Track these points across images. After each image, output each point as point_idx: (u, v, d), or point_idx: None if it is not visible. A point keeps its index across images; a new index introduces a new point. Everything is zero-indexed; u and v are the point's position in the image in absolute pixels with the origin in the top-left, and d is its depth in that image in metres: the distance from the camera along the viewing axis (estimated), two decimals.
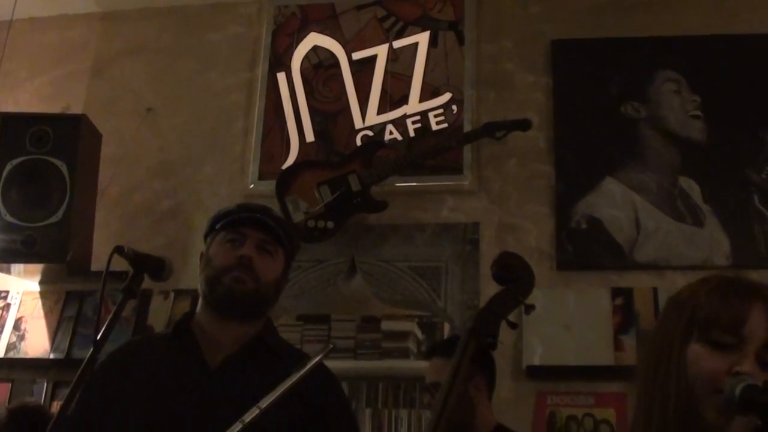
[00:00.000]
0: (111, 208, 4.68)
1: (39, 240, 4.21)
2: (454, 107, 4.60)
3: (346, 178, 4.32)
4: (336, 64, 4.79)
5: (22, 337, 4.48)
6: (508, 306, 2.44)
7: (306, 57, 4.83)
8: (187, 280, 4.20)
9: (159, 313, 4.40)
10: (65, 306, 4.56)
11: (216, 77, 4.93)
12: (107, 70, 5.07)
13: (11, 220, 4.24)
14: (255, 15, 5.00)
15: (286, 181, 4.39)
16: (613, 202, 4.32)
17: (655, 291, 4.10)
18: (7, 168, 4.30)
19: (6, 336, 4.50)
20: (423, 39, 4.74)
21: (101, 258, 2.16)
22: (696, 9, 4.59)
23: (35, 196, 4.29)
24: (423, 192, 4.50)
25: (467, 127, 4.51)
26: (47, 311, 4.56)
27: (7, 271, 4.53)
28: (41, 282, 4.63)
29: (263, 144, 4.69)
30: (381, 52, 4.75)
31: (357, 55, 4.78)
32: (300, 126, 4.68)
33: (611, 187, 4.35)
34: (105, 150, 4.68)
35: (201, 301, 2.45)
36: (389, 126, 4.61)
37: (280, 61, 4.85)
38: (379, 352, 5.44)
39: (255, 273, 2.36)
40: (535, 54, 4.68)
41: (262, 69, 4.85)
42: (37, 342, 4.46)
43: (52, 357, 4.42)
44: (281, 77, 4.80)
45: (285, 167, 4.55)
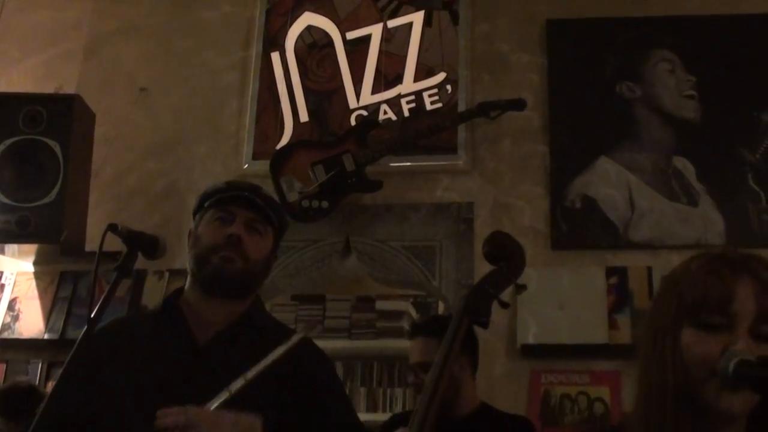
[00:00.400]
0: (105, 188, 4.67)
1: (33, 220, 4.20)
2: (448, 87, 4.59)
3: (340, 158, 4.32)
4: (330, 43, 4.78)
5: (16, 318, 4.48)
6: (500, 285, 2.44)
7: (300, 37, 4.82)
8: (182, 259, 4.16)
9: (153, 293, 4.39)
10: (59, 286, 4.56)
11: (210, 57, 4.91)
12: (100, 50, 5.04)
13: (5, 200, 4.23)
14: None
15: (280, 161, 4.38)
16: (608, 181, 4.33)
17: (650, 270, 4.11)
18: (0, 148, 4.28)
19: (0, 317, 4.49)
20: (417, 18, 4.72)
21: (95, 238, 2.16)
22: None
23: (29, 176, 4.27)
24: (417, 172, 4.50)
25: (462, 107, 4.51)
26: (41, 292, 4.55)
27: (1, 252, 4.53)
28: (35, 262, 4.62)
29: (257, 124, 4.68)
30: (375, 31, 4.74)
31: (351, 35, 4.77)
32: (294, 106, 4.67)
33: (606, 167, 4.35)
34: (98, 130, 4.66)
35: (189, 279, 2.44)
36: (384, 106, 4.60)
37: (274, 41, 4.83)
38: (374, 331, 5.44)
39: (244, 251, 2.35)
40: (530, 34, 4.67)
41: (256, 49, 4.84)
42: (32, 322, 4.46)
43: (46, 337, 4.41)
44: (275, 57, 4.79)
45: (279, 147, 4.54)
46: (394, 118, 4.57)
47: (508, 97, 4.39)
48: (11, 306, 4.52)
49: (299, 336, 2.28)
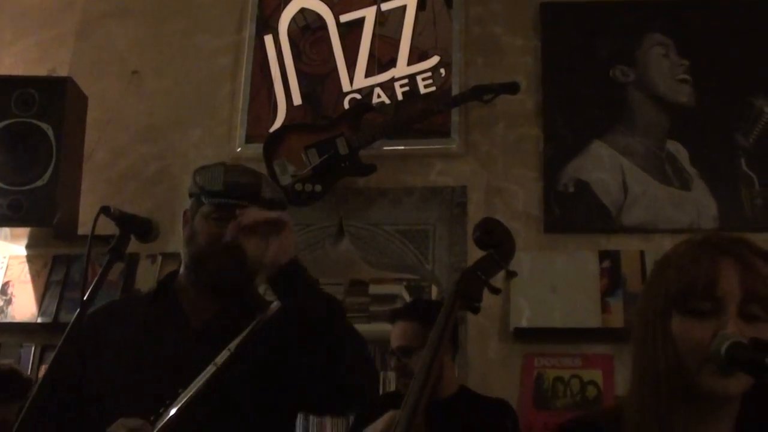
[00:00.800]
0: (97, 171, 4.66)
1: (25, 204, 4.20)
2: (442, 70, 4.58)
3: (333, 141, 4.31)
4: (323, 26, 4.76)
5: (9, 302, 4.47)
6: (491, 271, 2.45)
7: (293, 19, 4.80)
8: (175, 243, 4.19)
9: (146, 277, 4.40)
10: (52, 270, 4.55)
11: (203, 40, 4.89)
12: (93, 32, 5.02)
13: None
14: None
15: (273, 145, 4.37)
16: (601, 165, 4.33)
17: (642, 254, 4.12)
18: None
19: None
20: (411, 1, 4.71)
21: (88, 222, 2.15)
22: None
23: (21, 159, 4.26)
24: (411, 155, 4.49)
25: (455, 91, 4.50)
26: (34, 275, 4.54)
27: None
28: (28, 246, 4.62)
29: (250, 107, 4.67)
30: (369, 14, 4.72)
31: (345, 18, 4.75)
32: (287, 89, 4.66)
33: (599, 151, 4.36)
34: (91, 113, 4.64)
35: (184, 267, 2.44)
36: (377, 89, 4.59)
37: (267, 24, 4.82)
38: (367, 315, 5.43)
39: (240, 256, 2.29)
40: (524, 17, 4.66)
41: (249, 32, 4.82)
42: (25, 306, 4.46)
43: (39, 321, 4.41)
44: (268, 40, 4.77)
45: (272, 130, 4.53)
46: (387, 101, 4.56)
47: (501, 81, 4.38)
48: (4, 290, 4.51)
49: (279, 303, 2.28)
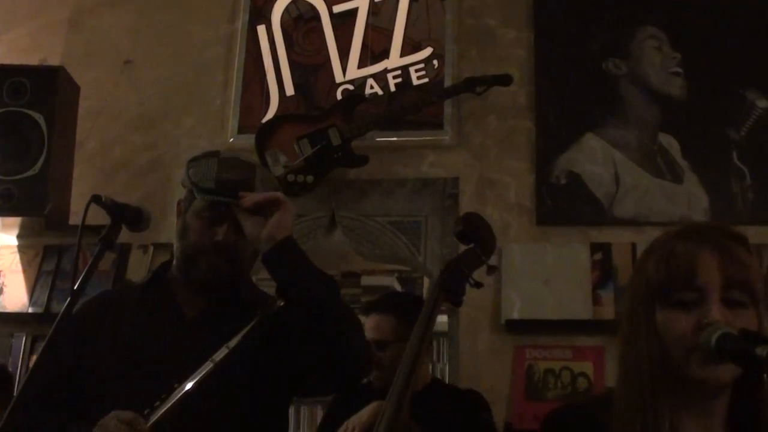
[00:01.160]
0: (89, 161, 4.65)
1: (17, 193, 4.18)
2: (435, 62, 4.58)
3: (326, 132, 4.31)
4: (316, 17, 4.74)
5: (0, 291, 4.46)
6: (473, 265, 2.46)
7: (286, 10, 4.79)
8: (167, 233, 4.18)
9: (138, 267, 4.39)
10: (44, 260, 4.54)
11: (195, 30, 4.88)
12: (85, 21, 5.00)
13: None
14: None
15: (265, 135, 4.36)
16: (593, 157, 4.33)
17: (634, 246, 4.12)
18: None
19: None
20: None
21: (79, 212, 2.14)
22: None
23: (12, 148, 4.25)
24: (403, 147, 4.49)
25: (448, 82, 4.50)
26: (25, 265, 4.53)
27: None
28: (19, 236, 4.60)
29: (243, 97, 4.66)
30: (362, 5, 4.71)
31: (338, 8, 4.74)
32: (280, 79, 4.66)
33: (591, 143, 4.36)
34: (83, 103, 4.63)
35: (176, 261, 2.43)
36: (370, 80, 4.58)
37: (260, 14, 4.80)
38: (359, 306, 5.42)
39: (231, 256, 2.32)
40: (517, 9, 4.65)
41: (241, 22, 4.80)
42: (16, 296, 4.45)
43: (30, 311, 4.40)
44: (261, 30, 4.76)
45: (265, 121, 4.52)
46: (380, 92, 4.56)
47: (494, 73, 4.38)
48: None
49: (280, 301, 2.28)
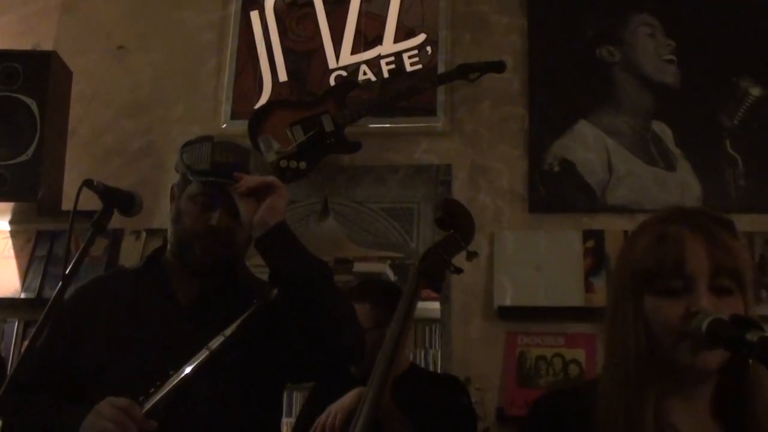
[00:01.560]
0: (82, 147, 4.64)
1: (9, 178, 4.17)
2: (428, 48, 4.57)
3: (319, 118, 4.30)
4: (310, 2, 4.73)
5: None
6: (453, 251, 2.47)
7: None
8: (159, 219, 4.21)
9: (130, 253, 4.39)
10: (36, 245, 4.53)
11: (188, 15, 4.86)
12: (78, 6, 4.98)
13: None
14: None
15: (258, 121, 4.35)
16: (586, 145, 4.33)
17: (626, 234, 4.09)
18: None
19: None
20: None
21: (72, 197, 2.14)
22: None
23: (5, 134, 4.23)
24: (396, 133, 4.48)
25: (441, 69, 4.49)
26: (18, 251, 4.53)
27: None
28: (11, 221, 4.59)
29: (236, 83, 4.66)
30: None
31: None
32: (273, 65, 4.64)
33: (584, 130, 4.36)
34: (75, 88, 4.62)
35: (171, 247, 2.43)
36: (363, 66, 4.58)
37: (253, 0, 4.79)
38: None
39: (226, 239, 2.33)
40: None
41: (234, 7, 4.79)
42: (8, 281, 4.44)
43: (23, 297, 4.40)
44: (254, 15, 4.75)
45: (257, 107, 4.51)
46: (373, 79, 4.55)
47: (487, 59, 4.38)
48: None
49: (275, 291, 2.28)
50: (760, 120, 4.29)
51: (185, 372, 2.10)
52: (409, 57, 4.56)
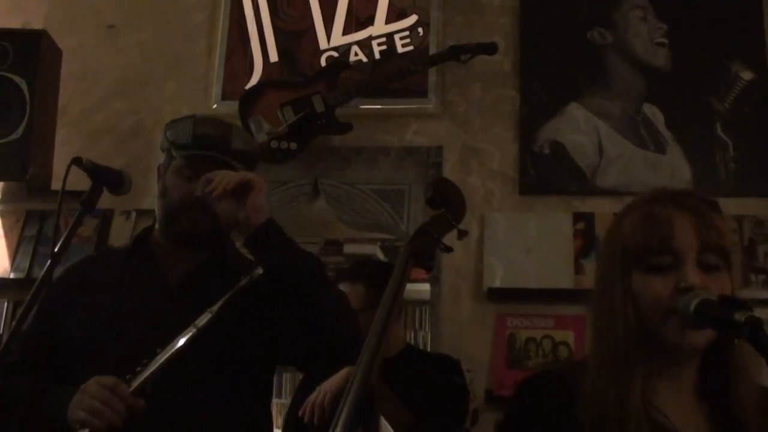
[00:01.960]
0: (72, 126, 4.62)
1: None
2: (420, 30, 4.55)
3: (310, 99, 4.29)
4: None
5: None
6: (443, 229, 2.46)
7: None
8: (149, 199, 4.16)
9: (121, 233, 4.37)
10: (25, 225, 4.52)
11: None
12: None
13: None
14: None
15: (249, 102, 4.34)
16: (577, 127, 4.33)
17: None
18: None
19: None
20: None
21: (61, 177, 2.15)
22: None
23: None
24: (387, 115, 4.48)
25: (433, 50, 4.48)
26: (7, 231, 4.52)
27: None
28: (1, 201, 4.57)
29: (226, 63, 4.64)
30: None
31: None
32: (264, 46, 4.63)
33: (575, 113, 4.36)
34: (66, 67, 4.60)
35: (159, 225, 2.43)
36: (354, 47, 4.56)
37: None
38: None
39: (212, 210, 2.31)
40: None
41: None
42: None
43: (12, 276, 4.39)
44: None
45: (248, 87, 4.50)
46: (364, 60, 4.54)
47: (479, 41, 4.37)
48: None
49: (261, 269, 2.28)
50: (751, 104, 4.29)
51: (172, 350, 2.10)
52: (401, 38, 4.55)
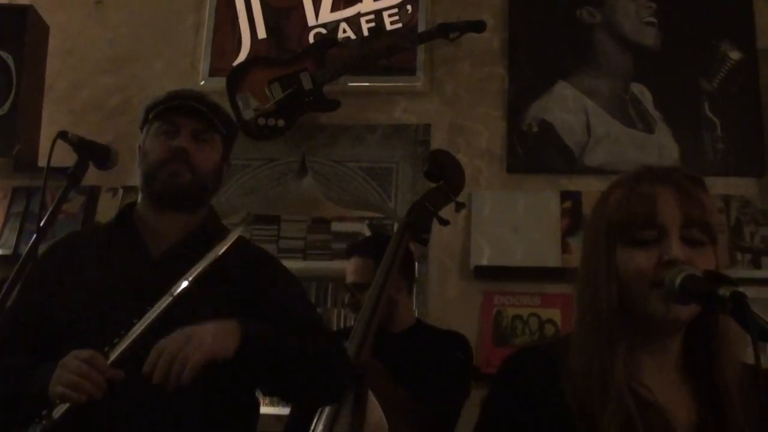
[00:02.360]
0: (59, 102, 4.61)
1: None
2: (408, 7, 4.54)
3: (297, 76, 4.28)
4: None
5: None
6: (440, 202, 2.45)
7: None
8: (136, 176, 4.16)
9: (107, 210, 4.35)
10: (12, 202, 4.50)
11: None
12: None
13: None
14: None
15: (237, 78, 4.33)
16: (565, 106, 4.34)
17: None
18: None
19: None
20: None
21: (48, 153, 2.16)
22: None
23: None
24: (375, 92, 4.47)
25: (421, 28, 4.47)
26: None
27: None
28: None
29: (214, 40, 4.62)
30: None
31: None
32: (252, 22, 4.61)
33: (564, 92, 4.36)
34: (52, 43, 4.59)
35: (141, 194, 2.43)
36: (343, 24, 4.55)
37: None
38: (329, 252, 5.43)
39: (191, 164, 2.32)
40: None
41: None
42: None
43: None
44: None
45: (236, 64, 4.48)
46: (353, 37, 4.53)
47: (468, 19, 4.36)
48: None
49: (236, 233, 2.29)
50: (739, 84, 4.30)
51: (149, 320, 2.09)
52: (389, 15, 4.53)
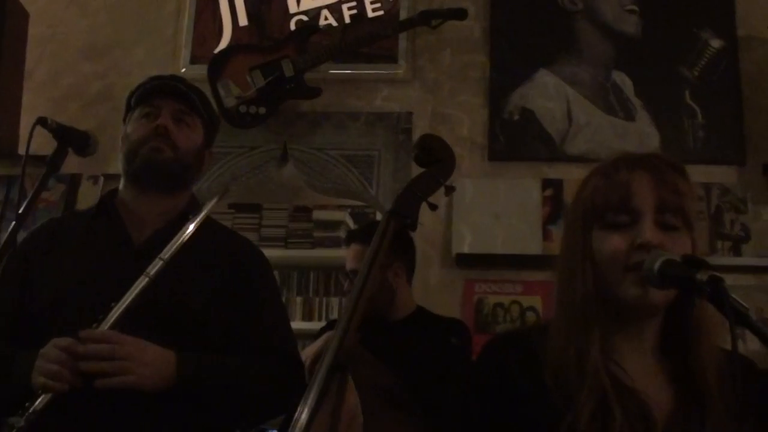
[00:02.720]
0: (38, 90, 4.58)
1: None
2: None
3: (279, 63, 4.27)
4: None
5: None
6: (428, 187, 2.42)
7: None
8: (117, 164, 4.11)
9: (88, 198, 4.33)
10: None
11: None
12: None
13: None
14: None
15: (218, 65, 4.32)
16: (547, 94, 4.35)
17: None
18: None
19: None
20: None
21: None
22: None
23: None
24: (357, 80, 4.47)
25: (403, 15, 4.48)
26: None
27: None
28: None
29: (195, 27, 4.60)
30: None
31: None
32: (233, 9, 4.59)
33: (545, 79, 4.37)
34: (32, 30, 4.56)
35: (122, 179, 2.42)
36: (324, 11, 4.54)
37: None
38: (311, 241, 5.44)
39: (172, 141, 2.31)
40: None
41: None
42: None
43: None
44: None
45: (217, 51, 4.47)
46: (334, 24, 4.52)
47: (449, 7, 4.37)
48: None
49: (208, 205, 2.31)
50: (719, 72, 4.32)
51: (126, 302, 2.09)
52: (371, 2, 4.53)
